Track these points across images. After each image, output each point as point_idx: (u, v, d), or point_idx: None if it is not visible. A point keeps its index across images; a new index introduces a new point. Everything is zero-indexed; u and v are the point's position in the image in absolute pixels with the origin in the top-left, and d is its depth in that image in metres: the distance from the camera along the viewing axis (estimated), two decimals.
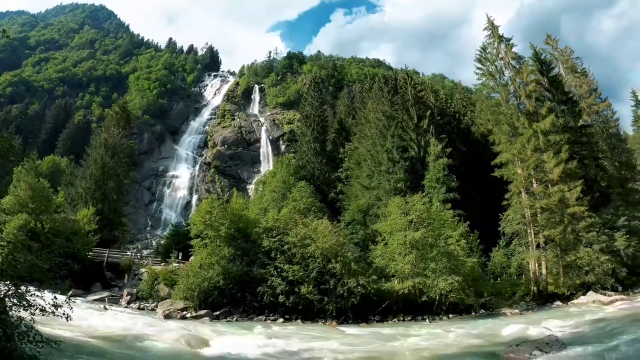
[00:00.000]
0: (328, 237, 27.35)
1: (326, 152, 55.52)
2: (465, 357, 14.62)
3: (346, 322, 25.48)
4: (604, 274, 32.26)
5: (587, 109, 50.43)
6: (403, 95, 46.65)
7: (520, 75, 39.35)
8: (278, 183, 47.09)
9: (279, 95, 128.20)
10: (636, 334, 15.75)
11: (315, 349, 16.23)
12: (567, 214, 33.63)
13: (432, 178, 39.14)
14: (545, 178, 34.98)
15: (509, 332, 19.59)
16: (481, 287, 29.65)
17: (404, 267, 27.04)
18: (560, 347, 14.32)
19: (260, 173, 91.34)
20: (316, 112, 58.63)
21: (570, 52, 56.19)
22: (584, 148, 40.96)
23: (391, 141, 42.22)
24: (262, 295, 26.41)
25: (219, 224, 28.81)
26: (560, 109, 42.39)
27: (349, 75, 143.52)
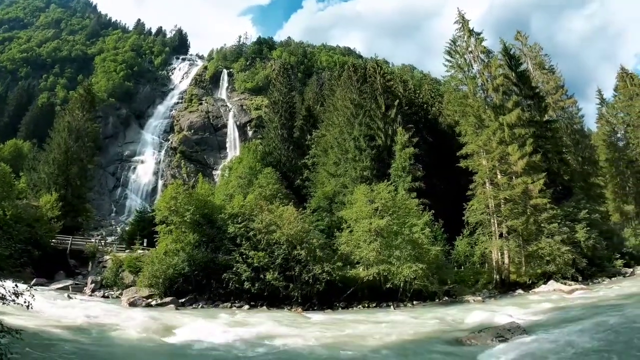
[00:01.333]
0: (293, 224, 27.24)
1: (293, 139, 55.32)
2: (428, 343, 14.72)
3: (311, 309, 25.51)
4: (564, 264, 33.29)
5: (553, 104, 51.73)
6: (372, 84, 46.78)
7: (489, 69, 39.92)
8: (244, 169, 46.70)
9: (248, 80, 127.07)
10: (595, 323, 16.10)
11: (280, 335, 16.09)
12: (529, 205, 34.52)
13: (398, 167, 39.46)
14: (510, 170, 35.77)
15: (472, 318, 19.85)
16: (445, 274, 30.03)
17: (368, 254, 27.13)
18: (521, 333, 14.57)
19: (227, 159, 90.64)
20: (284, 99, 58.35)
21: (539, 48, 57.53)
22: (548, 142, 41.94)
23: (359, 129, 42.41)
24: (228, 282, 26.15)
25: (184, 210, 28.32)
26: (527, 104, 43.27)
27: (318, 62, 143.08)
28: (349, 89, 46.86)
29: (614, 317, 16.93)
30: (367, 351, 13.95)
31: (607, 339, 13.22)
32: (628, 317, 16.54)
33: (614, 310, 19.22)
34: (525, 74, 47.37)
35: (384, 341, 15.18)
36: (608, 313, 18.28)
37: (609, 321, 15.99)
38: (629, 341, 12.76)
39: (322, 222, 36.08)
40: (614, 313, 18.05)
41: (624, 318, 16.47)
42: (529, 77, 48.48)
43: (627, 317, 16.70)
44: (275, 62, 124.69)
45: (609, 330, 14.43)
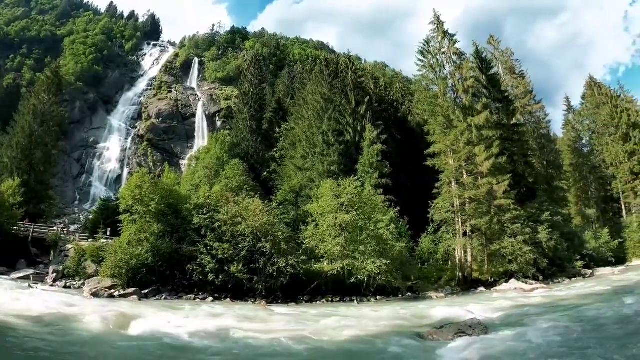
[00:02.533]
0: (259, 216, 27.05)
1: (262, 131, 55.08)
2: (391, 338, 14.74)
3: (276, 302, 25.37)
4: (526, 263, 34.24)
5: (521, 109, 52.76)
6: (343, 79, 46.84)
7: (460, 71, 40.39)
8: (212, 160, 46.29)
9: (219, 70, 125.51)
10: (554, 320, 16.45)
11: (243, 328, 15.90)
12: (494, 205, 35.16)
13: (365, 163, 39.67)
14: (476, 170, 36.31)
15: (434, 314, 20.04)
16: (409, 271, 30.28)
17: (333, 249, 27.24)
18: (482, 330, 14.71)
19: (195, 148, 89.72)
20: (255, 90, 57.97)
21: (510, 53, 58.52)
22: (514, 145, 42.86)
23: (328, 124, 42.45)
24: (192, 274, 25.72)
25: (149, 199, 27.60)
26: (496, 107, 44.12)
27: (291, 55, 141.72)
28: (320, 83, 46.80)
29: (572, 316, 17.39)
30: (330, 345, 13.93)
31: (564, 337, 13.50)
32: (585, 317, 16.94)
33: (573, 309, 19.74)
34: (495, 77, 48.27)
35: (347, 335, 15.16)
36: (567, 312, 18.76)
37: (567, 320, 16.40)
38: (585, 340, 13.04)
39: (288, 215, 35.98)
40: (573, 312, 18.55)
41: (581, 317, 16.87)
42: (499, 80, 49.37)
43: (585, 316, 17.11)
44: (247, 53, 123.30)
45: (567, 328, 14.77)
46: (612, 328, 14.46)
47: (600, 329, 14.62)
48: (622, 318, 16.14)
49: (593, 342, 12.60)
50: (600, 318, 16.53)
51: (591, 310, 18.66)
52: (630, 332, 13.62)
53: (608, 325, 14.98)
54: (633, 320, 15.73)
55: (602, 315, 17.18)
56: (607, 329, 14.37)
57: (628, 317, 16.29)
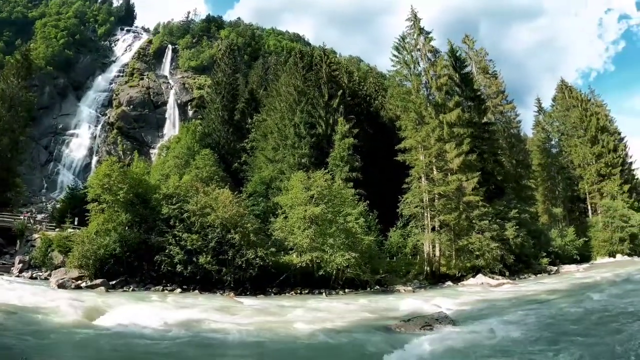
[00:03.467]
0: (228, 207, 26.77)
1: (234, 122, 54.58)
2: (359, 330, 14.80)
3: (244, 294, 25.19)
4: (493, 259, 34.99)
5: (493, 108, 53.61)
6: (317, 72, 46.66)
7: (434, 68, 40.83)
8: (182, 149, 45.84)
9: (193, 58, 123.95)
10: (519, 315, 16.76)
11: (211, 320, 15.76)
12: (463, 201, 35.86)
13: (336, 156, 39.70)
14: (446, 167, 36.85)
15: (402, 307, 20.18)
16: (377, 264, 30.54)
17: (302, 241, 27.21)
18: (448, 323, 14.93)
19: (165, 138, 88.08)
20: (228, 80, 57.45)
21: (484, 53, 59.22)
22: (485, 143, 43.52)
23: (300, 116, 42.36)
24: (160, 265, 25.33)
25: (117, 189, 26.96)
26: (468, 105, 44.70)
27: (266, 46, 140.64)
28: (293, 75, 46.53)
29: (537, 311, 17.74)
30: (298, 337, 13.88)
31: (528, 331, 13.75)
32: (549, 312, 17.32)
33: (537, 304, 20.24)
34: (469, 76, 48.88)
35: (315, 327, 15.12)
36: (531, 307, 19.13)
37: (531, 314, 16.71)
38: (548, 334, 13.31)
39: (258, 207, 35.75)
40: (537, 307, 18.99)
41: (545, 312, 17.24)
42: (472, 79, 50.02)
43: (549, 311, 17.50)
44: (222, 42, 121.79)
45: (531, 322, 15.08)
46: (575, 323, 14.78)
47: (563, 323, 14.95)
48: (584, 313, 16.55)
49: (556, 336, 12.88)
50: (563, 313, 16.92)
51: (555, 306, 19.16)
52: (591, 327, 13.94)
53: (571, 320, 15.32)
54: (594, 315, 16.08)
55: (565, 310, 17.62)
56: (570, 324, 14.68)
57: (590, 312, 16.68)
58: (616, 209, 59.10)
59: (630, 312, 15.73)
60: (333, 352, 12.15)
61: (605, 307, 17.43)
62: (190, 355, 11.60)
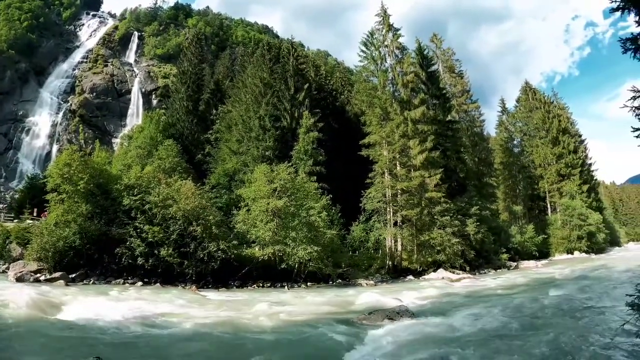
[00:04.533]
0: (191, 199, 26.46)
1: (198, 112, 53.92)
2: (320, 323, 14.81)
3: (206, 287, 25.01)
4: (454, 254, 35.79)
5: (458, 107, 54.65)
6: (284, 65, 46.37)
7: (401, 65, 41.21)
8: (145, 139, 45.08)
9: (159, 46, 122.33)
10: (478, 308, 17.09)
11: (172, 313, 15.58)
12: (425, 197, 36.41)
13: (300, 149, 39.65)
14: (409, 163, 37.29)
15: (364, 301, 20.25)
16: (339, 258, 30.74)
17: (265, 234, 27.13)
18: (409, 316, 15.09)
19: (128, 127, 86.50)
20: (194, 70, 56.50)
21: (451, 53, 60.24)
22: (448, 141, 44.28)
23: (265, 109, 42.04)
24: (121, 257, 24.85)
25: (77, 178, 26.27)
26: (433, 103, 45.32)
27: (234, 36, 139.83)
28: (260, 67, 46.12)
29: (495, 304, 18.09)
30: (260, 330, 13.82)
31: (486, 324, 14.07)
32: (508, 305, 17.68)
33: (496, 298, 20.69)
34: (435, 74, 49.55)
35: (277, 321, 15.13)
36: (490, 301, 19.55)
37: (490, 308, 17.05)
38: (505, 326, 13.61)
39: (221, 199, 35.54)
40: (496, 301, 19.39)
41: (503, 306, 17.57)
42: (438, 78, 50.73)
43: (507, 305, 17.86)
44: (189, 31, 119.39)
45: (489, 316, 15.38)
46: (532, 316, 15.20)
47: (521, 317, 15.26)
48: (541, 307, 17.05)
49: (513, 328, 13.18)
50: (521, 307, 17.33)
51: (513, 300, 19.60)
52: (547, 321, 14.37)
53: (528, 314, 15.72)
54: (551, 309, 16.64)
55: (523, 304, 18.06)
56: (527, 317, 15.06)
57: (547, 306, 17.23)
58: (575, 208, 61.24)
59: (586, 307, 16.28)
60: (295, 346, 12.12)
61: (562, 302, 18.04)
62: (150, 350, 11.40)
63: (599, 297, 18.82)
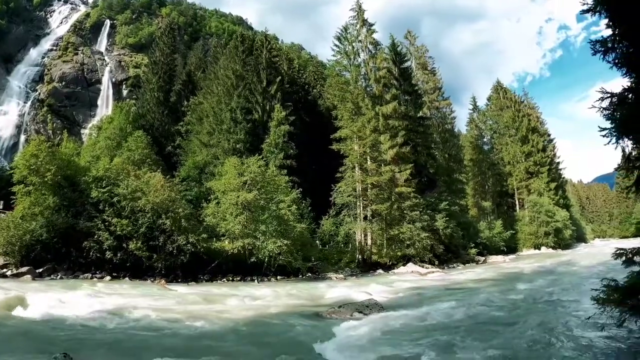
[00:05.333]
0: (160, 192, 26.11)
1: (169, 103, 53.07)
2: (290, 317, 14.82)
3: (175, 281, 24.64)
4: (423, 248, 36.29)
5: (429, 103, 55.40)
6: (257, 57, 46.07)
7: (374, 60, 41.51)
8: (114, 130, 44.31)
9: (131, 35, 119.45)
10: (446, 302, 17.20)
11: (141, 307, 15.32)
12: (395, 192, 36.76)
13: (271, 143, 39.57)
14: (380, 157, 37.70)
15: (333, 294, 20.28)
16: (309, 252, 30.92)
17: (234, 227, 27.00)
18: (378, 309, 15.16)
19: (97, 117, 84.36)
20: (166, 60, 55.76)
21: (425, 50, 60.90)
22: (419, 136, 44.83)
23: (237, 101, 41.75)
24: (89, 251, 24.30)
25: (45, 170, 25.63)
26: (405, 99, 45.80)
27: (208, 27, 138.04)
28: (233, 59, 45.78)
29: (464, 298, 18.38)
30: (229, 324, 13.67)
31: (454, 317, 14.21)
32: (475, 299, 17.87)
33: (465, 292, 20.97)
34: (408, 71, 50.01)
35: (247, 314, 15.05)
36: (459, 294, 19.85)
37: (458, 301, 17.19)
38: (473, 320, 13.73)
39: (191, 192, 35.18)
40: (464, 295, 19.67)
41: (471, 300, 17.75)
42: (411, 74, 51.20)
43: (475, 299, 18.06)
44: (162, 20, 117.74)
45: (458, 309, 15.49)
46: (499, 310, 15.35)
47: (489, 310, 15.46)
48: (508, 301, 17.26)
49: (480, 321, 13.33)
50: (489, 300, 17.53)
51: (482, 293, 19.85)
52: (514, 314, 14.56)
53: (495, 307, 15.86)
54: (518, 303, 16.90)
55: (491, 297, 18.29)
56: (494, 311, 15.24)
57: (514, 300, 17.50)
58: (542, 205, 62.93)
59: (553, 301, 16.54)
60: (264, 339, 12.02)
61: (530, 296, 18.33)
62: (118, 344, 11.21)
63: (566, 291, 19.12)
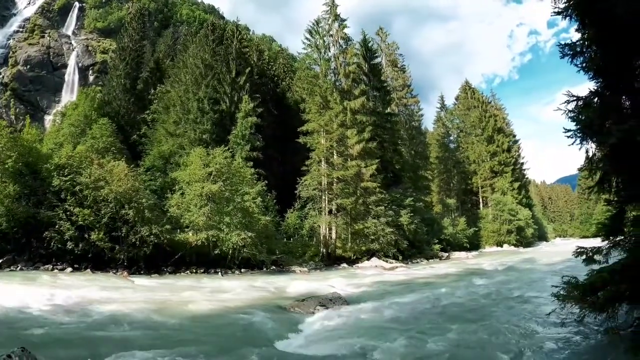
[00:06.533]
0: (124, 181, 25.63)
1: (136, 91, 52.07)
2: (254, 309, 14.79)
3: (138, 273, 24.35)
4: (387, 243, 36.93)
5: (398, 100, 56.20)
6: (227, 47, 45.58)
7: (345, 55, 41.69)
8: (79, 117, 43.04)
9: (100, 19, 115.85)
10: (409, 296, 17.54)
11: (102, 300, 15.13)
12: (360, 187, 37.22)
13: (238, 134, 39.31)
14: (346, 152, 37.96)
15: (297, 287, 20.36)
16: (274, 245, 30.92)
17: (198, 219, 26.79)
18: (342, 303, 15.31)
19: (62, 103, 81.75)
20: (134, 46, 54.53)
21: (396, 47, 61.69)
22: (386, 132, 45.48)
23: (205, 91, 41.35)
24: (50, 242, 23.53)
25: (5, 157, 24.75)
26: (373, 94, 46.37)
27: (179, 14, 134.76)
28: (203, 47, 45.20)
29: (426, 292, 18.60)
30: (192, 317, 13.57)
31: (416, 310, 14.51)
32: (438, 294, 18.17)
33: (427, 287, 21.26)
34: (377, 67, 50.59)
35: (210, 307, 14.97)
36: (421, 289, 20.10)
37: (421, 296, 17.54)
38: (434, 313, 14.09)
39: (155, 182, 34.63)
40: (427, 289, 19.88)
41: (434, 294, 18.03)
42: (380, 70, 51.83)
43: (437, 293, 18.35)
44: (133, 5, 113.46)
45: (420, 303, 15.83)
46: (459, 305, 15.63)
47: (450, 304, 15.80)
48: (470, 296, 17.59)
49: (442, 316, 13.55)
50: (451, 295, 17.88)
51: (443, 288, 20.14)
52: (475, 309, 14.84)
53: (457, 302, 16.22)
54: (478, 297, 17.28)
55: (453, 292, 18.65)
56: (455, 306, 15.53)
57: (476, 295, 17.83)
58: (506, 204, 64.67)
59: (513, 297, 16.83)
60: (226, 332, 11.91)
61: (491, 291, 18.64)
62: (79, 337, 11.02)
63: (527, 287, 19.42)
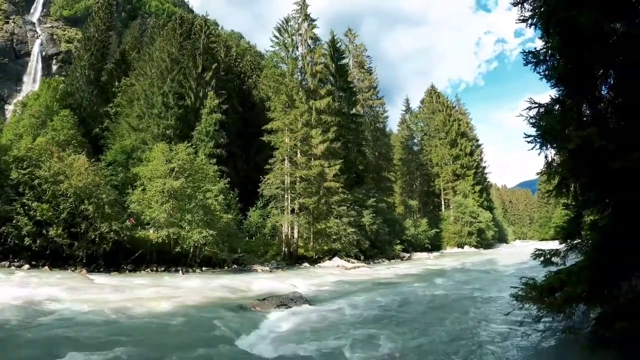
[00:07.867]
0: (84, 175, 25.06)
1: (100, 83, 51.13)
2: (214, 308, 14.81)
3: (97, 270, 23.96)
4: (349, 243, 37.37)
5: (363, 101, 56.95)
6: (195, 42, 45.30)
7: (312, 55, 41.89)
8: (40, 107, 41.97)
9: (66, 7, 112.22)
10: (370, 295, 17.88)
11: (59, 298, 14.84)
12: (323, 186, 37.52)
13: (202, 130, 39.20)
14: (310, 151, 38.16)
15: (258, 286, 20.32)
16: (236, 243, 30.85)
17: (159, 216, 26.45)
18: (303, 302, 15.39)
19: (24, 93, 79.28)
20: (100, 37, 53.43)
21: (363, 49, 62.41)
22: (351, 133, 46.09)
23: (170, 85, 41.08)
24: (6, 237, 22.81)
25: None
26: (339, 95, 46.91)
27: (147, 6, 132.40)
28: (170, 41, 44.69)
29: (387, 292, 18.96)
30: (151, 316, 13.42)
31: (377, 309, 14.85)
32: (398, 293, 18.61)
33: (388, 286, 21.59)
34: (344, 67, 51.12)
35: (170, 306, 14.85)
36: (382, 289, 20.40)
37: (382, 295, 17.87)
38: (395, 312, 14.42)
39: (117, 177, 34.24)
40: (388, 289, 20.24)
41: (395, 293, 18.43)
42: (347, 71, 52.32)
43: (398, 292, 18.80)
44: None
45: (381, 302, 16.18)
46: (421, 304, 16.09)
47: (410, 303, 16.21)
48: (430, 296, 18.07)
49: (402, 314, 13.99)
50: (411, 295, 18.30)
51: (404, 288, 20.68)
52: (436, 308, 15.30)
53: (418, 302, 16.62)
54: (439, 297, 17.79)
55: (413, 292, 19.11)
56: (416, 304, 16.04)
57: (436, 295, 18.31)
58: (467, 206, 66.29)
59: (473, 297, 17.35)
60: (187, 331, 11.89)
61: (452, 292, 19.15)
62: (34, 336, 10.85)
63: (486, 288, 20.00)
